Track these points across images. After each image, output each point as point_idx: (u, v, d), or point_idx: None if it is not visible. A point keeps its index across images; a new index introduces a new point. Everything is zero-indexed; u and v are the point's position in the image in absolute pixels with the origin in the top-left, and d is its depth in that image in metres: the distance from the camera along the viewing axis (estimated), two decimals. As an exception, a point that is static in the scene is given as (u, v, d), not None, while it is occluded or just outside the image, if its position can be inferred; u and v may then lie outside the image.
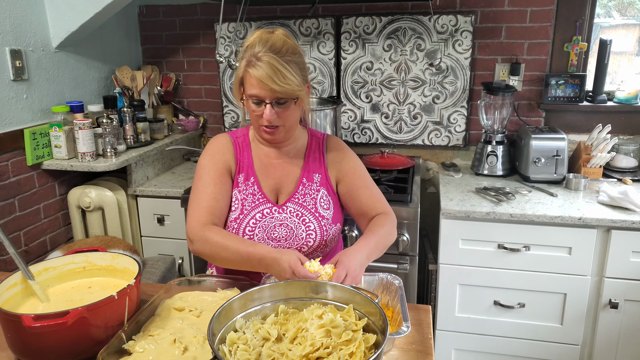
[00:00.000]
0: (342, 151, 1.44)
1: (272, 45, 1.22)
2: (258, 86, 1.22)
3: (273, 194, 1.39)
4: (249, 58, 1.22)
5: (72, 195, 2.19)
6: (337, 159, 1.42)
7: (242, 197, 1.36)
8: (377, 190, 1.42)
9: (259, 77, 1.20)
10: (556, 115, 2.37)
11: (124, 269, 1.18)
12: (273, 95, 1.23)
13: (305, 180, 1.38)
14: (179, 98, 2.77)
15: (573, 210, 1.81)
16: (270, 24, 2.49)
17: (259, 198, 1.36)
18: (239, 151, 1.40)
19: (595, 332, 1.89)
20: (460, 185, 2.13)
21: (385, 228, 1.31)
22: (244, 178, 1.38)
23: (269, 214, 1.35)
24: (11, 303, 1.07)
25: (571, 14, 2.24)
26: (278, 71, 1.20)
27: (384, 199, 1.41)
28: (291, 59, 1.23)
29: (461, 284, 1.95)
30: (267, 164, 1.39)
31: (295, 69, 1.23)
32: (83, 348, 0.98)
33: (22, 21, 1.99)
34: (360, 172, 1.42)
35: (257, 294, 1.00)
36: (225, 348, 0.89)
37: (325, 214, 1.37)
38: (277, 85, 1.20)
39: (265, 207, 1.36)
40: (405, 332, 0.99)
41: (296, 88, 1.23)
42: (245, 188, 1.37)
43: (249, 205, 1.35)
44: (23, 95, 2.02)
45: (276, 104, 1.25)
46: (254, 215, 1.35)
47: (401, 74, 2.43)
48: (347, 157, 1.43)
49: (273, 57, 1.20)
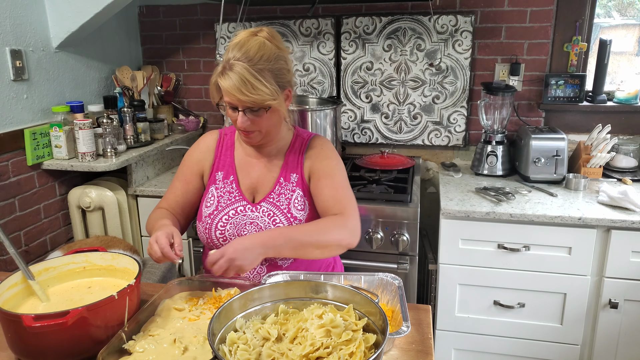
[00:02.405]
0: (321, 150, 1.39)
1: (246, 52, 1.20)
2: (228, 95, 1.22)
3: (250, 192, 1.39)
4: (223, 64, 1.22)
5: (72, 195, 2.20)
6: (312, 156, 1.38)
7: (219, 194, 1.39)
8: (345, 192, 1.34)
9: (226, 87, 1.20)
10: (556, 115, 2.37)
11: (124, 269, 1.19)
12: (243, 104, 1.23)
13: (282, 180, 1.37)
14: (179, 98, 2.77)
15: (573, 210, 1.81)
16: (270, 24, 2.49)
17: (236, 196, 1.38)
18: (220, 150, 1.43)
19: (595, 332, 1.89)
20: (460, 185, 2.13)
21: (322, 225, 1.25)
22: (223, 176, 1.40)
23: (242, 211, 1.36)
24: (11, 303, 1.07)
25: (571, 14, 2.24)
26: (247, 82, 1.18)
27: (349, 202, 1.32)
28: (265, 67, 1.21)
29: (461, 284, 1.95)
30: (247, 162, 1.41)
31: (268, 77, 1.21)
32: (83, 348, 0.98)
33: (22, 21, 1.99)
34: (330, 171, 1.35)
35: (257, 294, 1.00)
36: (225, 348, 0.89)
37: (299, 215, 1.35)
38: (244, 96, 1.19)
39: (240, 204, 1.37)
40: (405, 332, 0.99)
41: (267, 97, 1.21)
42: (223, 186, 1.39)
43: (224, 202, 1.37)
44: (23, 95, 2.02)
45: (248, 112, 1.24)
46: (227, 212, 1.36)
47: (401, 74, 2.43)
48: (323, 155, 1.38)
49: (244, 66, 1.18)
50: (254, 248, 1.15)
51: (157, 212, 1.39)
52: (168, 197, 1.44)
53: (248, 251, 1.14)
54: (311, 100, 2.38)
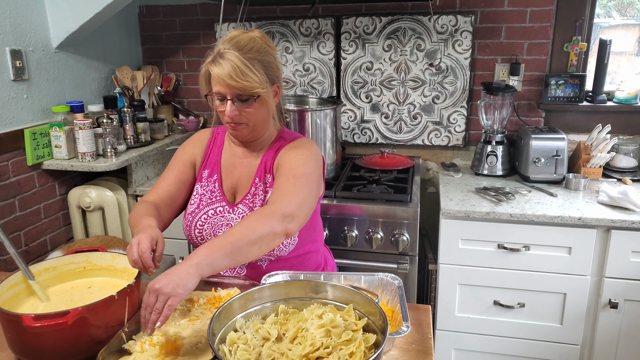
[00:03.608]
0: (294, 148, 1.33)
1: (237, 43, 1.23)
2: (218, 83, 1.23)
3: (230, 193, 1.39)
4: (214, 55, 1.24)
5: (72, 195, 2.20)
6: (283, 153, 1.34)
7: (202, 192, 1.39)
8: (293, 189, 1.22)
9: (217, 74, 1.21)
10: (556, 115, 2.37)
11: (124, 268, 1.19)
12: (233, 92, 1.23)
13: (257, 180, 1.36)
14: (179, 98, 2.77)
15: (573, 210, 1.81)
16: (270, 24, 2.50)
17: (217, 196, 1.38)
18: (211, 147, 1.44)
19: (595, 332, 1.89)
20: (460, 185, 2.13)
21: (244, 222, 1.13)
22: (208, 174, 1.40)
23: (220, 212, 1.36)
24: (11, 303, 1.07)
25: (571, 14, 2.24)
26: (237, 68, 1.20)
27: (291, 192, 1.21)
28: (255, 57, 1.23)
29: (461, 283, 1.95)
30: (232, 162, 1.40)
31: (258, 67, 1.23)
32: (83, 348, 0.98)
33: (22, 21, 1.99)
34: (290, 167, 1.27)
35: (257, 294, 1.00)
36: (225, 348, 0.89)
37: None
38: (234, 82, 1.20)
39: (220, 205, 1.37)
40: (405, 332, 0.99)
41: (256, 85, 1.22)
42: (207, 184, 1.40)
43: (205, 202, 1.38)
44: (23, 95, 2.02)
45: (237, 101, 1.24)
46: (207, 212, 1.36)
47: (401, 74, 2.43)
48: (294, 152, 1.32)
49: (235, 54, 1.20)
50: (179, 271, 0.99)
51: (143, 206, 1.28)
52: (160, 186, 1.38)
53: (172, 276, 0.98)
54: (311, 100, 2.38)
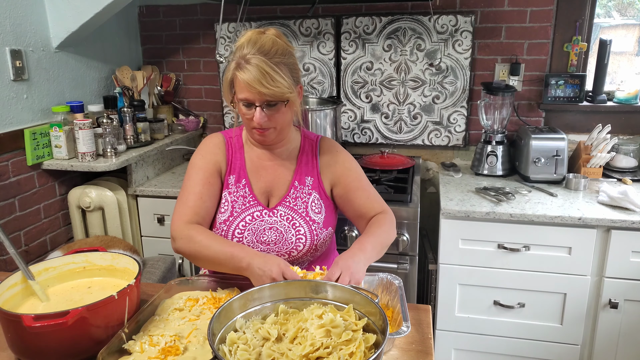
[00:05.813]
0: (336, 154, 1.41)
1: (261, 47, 1.20)
2: (247, 89, 1.20)
3: (264, 196, 1.37)
4: (237, 60, 1.21)
5: (72, 195, 2.20)
6: (330, 162, 1.39)
7: (233, 199, 1.35)
8: (374, 191, 1.40)
9: (246, 80, 1.18)
10: (556, 115, 2.37)
11: (124, 269, 1.19)
12: (262, 99, 1.21)
13: (297, 183, 1.36)
14: (179, 98, 2.77)
15: (573, 210, 1.81)
16: (270, 24, 2.49)
17: (250, 200, 1.35)
18: (231, 152, 1.39)
19: (595, 332, 1.89)
20: (460, 185, 2.13)
21: (383, 228, 1.30)
22: (235, 180, 1.36)
23: (259, 216, 1.34)
24: (11, 303, 1.07)
25: (571, 14, 2.24)
26: (266, 74, 1.18)
27: (381, 199, 1.40)
28: (281, 61, 1.21)
29: (461, 283, 1.95)
30: (259, 166, 1.38)
31: (285, 71, 1.21)
32: (83, 348, 0.98)
33: (22, 21, 1.99)
34: (356, 174, 1.40)
35: (257, 294, 1.00)
36: (225, 348, 0.89)
37: (317, 218, 1.35)
38: (265, 89, 1.18)
39: (256, 209, 1.34)
40: (405, 332, 0.99)
41: (286, 90, 1.21)
42: (236, 190, 1.36)
43: (239, 208, 1.34)
44: (23, 95, 2.02)
45: (266, 107, 1.23)
46: (243, 218, 1.34)
47: (401, 74, 2.43)
48: (341, 159, 1.41)
49: (262, 59, 1.18)
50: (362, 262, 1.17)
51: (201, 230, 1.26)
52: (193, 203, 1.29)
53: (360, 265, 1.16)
54: (311, 100, 2.38)
